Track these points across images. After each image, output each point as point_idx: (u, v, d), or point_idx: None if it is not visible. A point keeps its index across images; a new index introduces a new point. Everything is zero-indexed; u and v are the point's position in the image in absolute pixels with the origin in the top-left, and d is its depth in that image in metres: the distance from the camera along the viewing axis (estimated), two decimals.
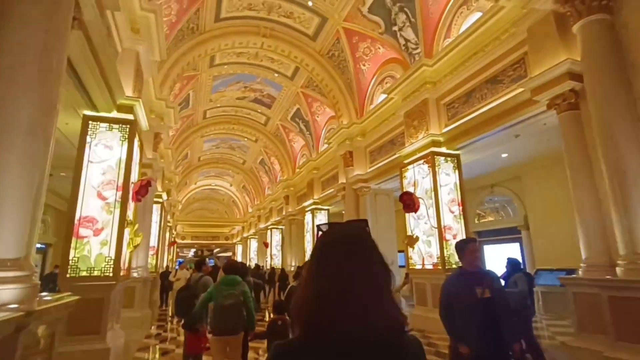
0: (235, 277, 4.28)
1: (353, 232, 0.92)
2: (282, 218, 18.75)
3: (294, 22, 10.55)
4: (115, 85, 5.06)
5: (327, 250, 0.88)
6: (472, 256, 2.47)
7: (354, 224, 0.98)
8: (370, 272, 0.83)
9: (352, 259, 0.84)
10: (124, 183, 5.22)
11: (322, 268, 0.85)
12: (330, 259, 0.86)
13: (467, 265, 2.50)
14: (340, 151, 11.49)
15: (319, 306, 0.79)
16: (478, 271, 2.48)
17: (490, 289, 2.38)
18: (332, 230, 0.94)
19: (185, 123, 15.25)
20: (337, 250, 0.87)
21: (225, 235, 35.56)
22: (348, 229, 0.94)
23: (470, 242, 2.51)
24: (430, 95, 7.66)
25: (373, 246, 0.90)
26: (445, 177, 7.22)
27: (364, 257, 0.86)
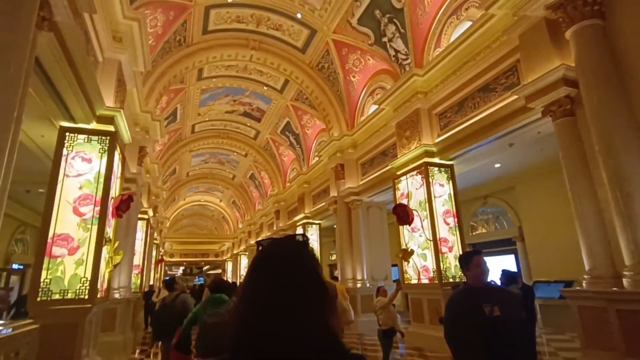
0: (222, 296, 4.02)
1: (280, 251, 0.87)
2: (272, 233, 18.36)
3: (283, 35, 10.48)
4: (94, 95, 4.81)
5: (251, 271, 0.84)
6: (477, 270, 2.24)
7: (288, 241, 0.92)
8: (294, 294, 0.77)
9: (273, 280, 0.79)
10: (102, 198, 4.91)
11: (245, 290, 0.81)
12: (252, 280, 0.82)
13: (472, 280, 2.27)
14: (331, 164, 11.30)
15: (238, 332, 0.76)
16: (485, 287, 2.24)
17: (500, 306, 2.15)
18: (263, 249, 0.89)
19: (172, 137, 14.96)
20: (259, 271, 0.83)
21: (215, 252, 34.82)
22: (277, 247, 0.89)
23: (476, 255, 2.29)
24: (422, 105, 7.55)
25: (303, 265, 0.83)
26: (439, 188, 7.05)
27: (288, 278, 0.80)
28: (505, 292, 2.32)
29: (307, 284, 0.80)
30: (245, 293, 0.81)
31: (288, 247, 0.87)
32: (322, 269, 0.90)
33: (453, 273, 6.62)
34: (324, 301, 0.79)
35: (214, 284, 4.32)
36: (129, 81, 6.29)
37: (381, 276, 10.17)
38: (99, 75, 5.33)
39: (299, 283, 0.79)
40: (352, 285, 9.91)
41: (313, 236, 13.45)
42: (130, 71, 6.09)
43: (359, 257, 10.05)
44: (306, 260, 0.83)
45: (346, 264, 10.29)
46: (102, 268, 5.07)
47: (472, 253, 2.35)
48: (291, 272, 0.80)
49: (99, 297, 4.97)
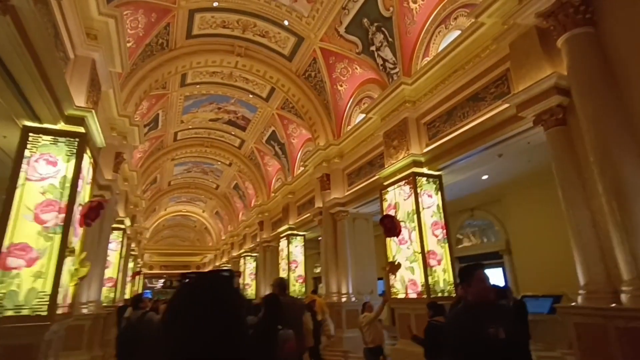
0: None
1: (200, 290, 0.86)
2: (256, 245, 17.90)
3: (270, 42, 10.30)
4: (61, 93, 4.46)
5: (169, 310, 0.84)
6: (481, 286, 1.99)
7: (211, 279, 0.92)
8: (211, 337, 0.78)
9: (190, 322, 0.79)
10: (67, 204, 4.52)
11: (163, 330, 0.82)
12: (170, 320, 0.82)
13: (474, 297, 2.02)
14: (317, 174, 11.05)
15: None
16: (489, 305, 1.99)
17: (504, 326, 1.90)
18: (182, 287, 0.88)
19: (154, 145, 14.50)
20: (177, 311, 0.83)
21: (196, 265, 33.87)
22: (196, 287, 0.88)
23: (478, 269, 2.05)
24: (410, 114, 7.41)
25: (223, 305, 0.84)
26: (428, 199, 6.86)
27: (206, 319, 0.80)
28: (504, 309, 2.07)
29: (225, 326, 0.80)
30: (163, 334, 0.81)
31: (209, 287, 0.85)
32: (245, 305, 0.89)
33: (442, 287, 6.39)
34: (242, 341, 0.80)
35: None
36: (104, 82, 5.94)
37: (367, 290, 9.87)
38: (70, 73, 4.98)
39: (217, 325, 0.79)
40: (336, 300, 9.57)
41: (297, 248, 13.10)
42: (105, 71, 5.75)
43: (344, 270, 9.74)
44: (226, 300, 0.83)
45: (331, 278, 9.96)
46: (65, 281, 4.64)
47: (474, 267, 2.11)
48: (209, 314, 0.79)
49: (61, 314, 4.53)
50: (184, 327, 0.79)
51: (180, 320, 0.80)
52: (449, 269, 6.54)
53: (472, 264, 2.12)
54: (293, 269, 12.76)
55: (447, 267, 6.55)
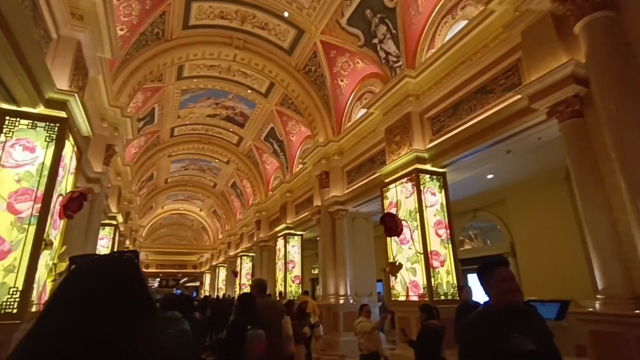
0: (174, 314, 3.38)
1: (100, 272, 0.72)
2: (252, 244, 17.57)
3: (269, 34, 9.99)
4: (40, 73, 4.13)
5: (58, 294, 0.70)
6: (503, 286, 1.66)
7: (110, 259, 0.80)
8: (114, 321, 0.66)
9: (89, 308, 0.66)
10: (45, 193, 4.18)
11: (49, 318, 0.67)
12: (61, 303, 0.68)
13: (496, 300, 1.69)
14: (316, 171, 10.73)
15: None
16: (514, 309, 1.67)
17: (532, 335, 1.57)
18: (77, 268, 0.73)
19: (150, 140, 14.18)
20: (70, 295, 0.69)
21: (193, 264, 33.52)
22: (95, 267, 0.74)
23: (499, 267, 1.72)
24: (414, 108, 7.10)
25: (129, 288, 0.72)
26: (431, 197, 6.53)
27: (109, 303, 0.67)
28: (532, 314, 1.75)
29: (133, 311, 0.69)
30: (50, 321, 0.65)
31: (110, 267, 0.73)
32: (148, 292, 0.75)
33: (445, 290, 6.05)
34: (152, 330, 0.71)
35: (165, 300, 3.69)
36: (92, 67, 5.62)
37: (366, 292, 9.53)
38: (51, 53, 4.66)
39: (123, 308, 0.68)
40: (334, 302, 9.24)
41: (295, 248, 12.76)
42: (92, 55, 5.43)
43: (342, 271, 9.40)
44: (125, 290, 0.70)
45: (329, 279, 9.62)
46: (42, 277, 4.30)
47: (495, 264, 1.77)
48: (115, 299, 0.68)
49: (35, 312, 4.19)
50: (63, 321, 0.64)
51: (62, 314, 0.65)
52: (452, 271, 6.21)
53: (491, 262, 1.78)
54: (290, 270, 12.41)
55: (451, 268, 6.22)
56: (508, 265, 1.77)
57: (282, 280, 12.52)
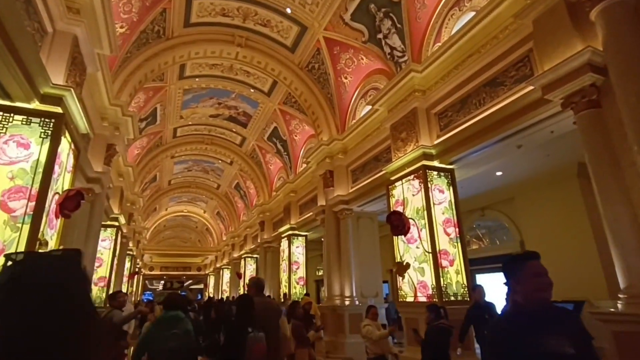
0: (177, 314, 3.26)
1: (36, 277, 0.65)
2: (256, 246, 17.41)
3: (271, 32, 9.84)
4: (34, 68, 4.00)
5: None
6: (535, 282, 1.47)
7: (49, 260, 0.72)
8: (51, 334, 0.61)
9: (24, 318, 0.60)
10: (39, 191, 4.04)
11: None
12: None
13: (525, 298, 1.49)
14: (320, 171, 10.55)
15: None
16: (547, 309, 1.47)
17: (569, 338, 1.38)
18: (14, 272, 0.65)
19: (152, 141, 14.07)
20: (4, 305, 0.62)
21: (197, 266, 33.42)
22: (31, 271, 0.66)
23: (531, 260, 1.53)
24: (420, 104, 6.91)
25: (68, 296, 0.65)
26: (439, 194, 6.33)
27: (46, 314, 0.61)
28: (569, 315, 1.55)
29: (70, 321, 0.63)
30: None
31: (48, 271, 0.66)
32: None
33: (455, 290, 5.84)
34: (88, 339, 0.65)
35: (167, 299, 3.55)
36: (90, 63, 5.49)
37: (371, 293, 9.33)
38: (47, 48, 4.53)
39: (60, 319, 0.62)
40: (339, 303, 9.04)
41: (299, 249, 12.58)
42: (90, 51, 5.29)
43: (347, 272, 9.20)
44: (73, 290, 0.65)
45: (334, 280, 9.42)
46: None
47: (524, 256, 1.58)
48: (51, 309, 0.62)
49: None
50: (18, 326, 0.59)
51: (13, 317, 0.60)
52: (462, 270, 6.00)
53: (520, 254, 1.60)
54: (294, 271, 12.23)
55: (461, 268, 6.01)
56: (539, 258, 1.58)
57: (286, 281, 12.35)
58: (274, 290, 14.09)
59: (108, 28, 5.49)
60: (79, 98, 5.14)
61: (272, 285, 14.81)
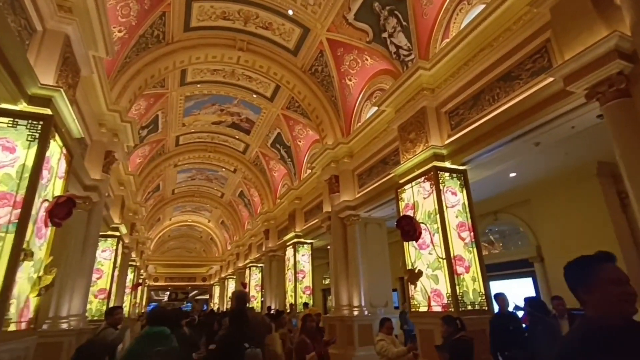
0: (163, 329, 2.96)
1: None
2: (261, 255, 17.06)
3: (273, 35, 9.63)
4: (19, 66, 3.76)
5: None
6: (617, 292, 1.14)
7: None
8: None
9: None
10: (25, 198, 3.77)
11: None
12: None
13: (603, 311, 1.16)
14: (325, 176, 10.24)
15: None
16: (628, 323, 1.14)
17: None
18: None
19: (155, 149, 13.88)
20: None
21: (202, 276, 33.07)
22: None
23: (606, 263, 1.20)
24: (429, 102, 6.60)
25: None
26: (452, 197, 5.99)
27: None
28: None
29: None
30: None
31: None
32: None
33: (471, 299, 5.46)
34: None
35: (154, 313, 3.25)
36: (84, 65, 5.26)
37: (381, 302, 8.93)
38: (35, 47, 4.30)
39: None
40: (347, 313, 8.64)
41: (304, 257, 12.23)
42: (83, 52, 5.07)
43: (355, 280, 8.82)
44: None
45: (341, 289, 9.04)
46: (23, 291, 3.86)
47: (598, 258, 1.25)
48: None
49: (15, 331, 3.74)
50: None
51: None
52: (479, 277, 5.62)
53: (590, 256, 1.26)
54: (300, 280, 11.87)
55: (477, 275, 5.63)
56: (615, 260, 1.25)
57: (292, 291, 11.97)
58: (280, 300, 13.70)
59: (103, 29, 5.27)
60: (72, 100, 4.91)
61: (277, 295, 14.42)
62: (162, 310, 3.41)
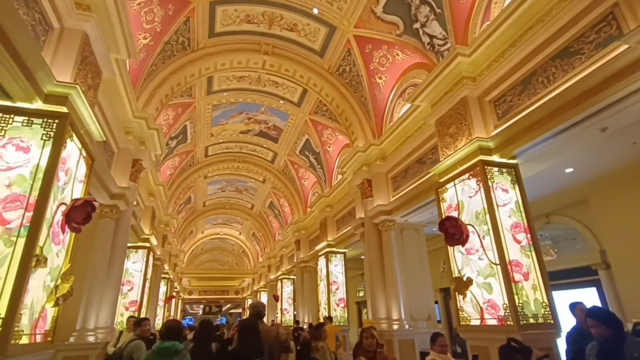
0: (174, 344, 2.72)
1: None
2: (293, 266, 16.63)
3: (298, 36, 9.37)
4: (32, 61, 3.57)
5: None
6: None
7: None
8: None
9: None
10: (38, 200, 3.52)
11: None
12: None
13: None
14: (357, 180, 9.72)
15: None
16: None
17: None
18: None
19: (184, 160, 13.92)
20: None
21: (235, 289, 33.03)
22: None
23: None
24: (470, 92, 5.99)
25: None
26: (503, 194, 5.30)
27: None
28: None
29: None
30: None
31: None
32: None
33: (533, 310, 4.71)
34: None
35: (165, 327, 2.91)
36: (105, 67, 5.11)
37: (422, 315, 8.19)
38: (52, 44, 4.15)
39: None
40: (386, 327, 7.97)
41: (337, 267, 11.67)
42: (104, 53, 4.91)
43: (393, 291, 8.15)
44: None
45: (378, 301, 8.39)
46: (37, 300, 3.59)
47: None
48: None
49: (28, 344, 3.46)
50: None
51: None
52: (540, 285, 4.86)
53: None
54: (333, 291, 11.29)
55: (538, 282, 4.88)
56: None
57: (325, 303, 11.40)
58: (313, 314, 13.13)
59: (124, 29, 5.11)
60: (93, 103, 4.74)
61: (310, 308, 13.87)
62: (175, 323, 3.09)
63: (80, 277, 6.36)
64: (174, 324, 2.91)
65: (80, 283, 6.35)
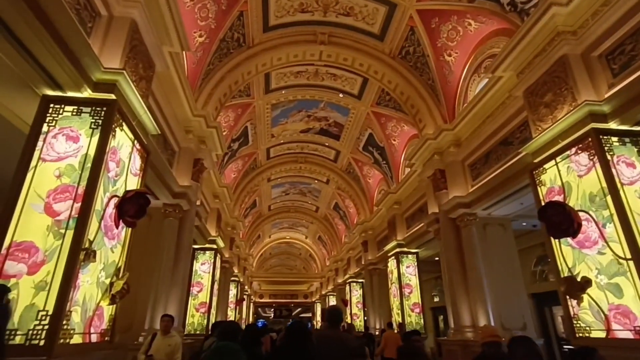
0: (228, 344, 2.54)
1: None
2: (361, 269, 15.89)
3: (355, 21, 8.75)
4: (80, 50, 3.43)
5: None
6: None
7: None
8: None
9: None
10: (86, 189, 3.32)
11: None
12: None
13: None
14: (428, 172, 8.77)
15: None
16: None
17: None
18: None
19: (247, 163, 14.01)
20: None
21: (304, 293, 33.06)
22: None
23: None
24: (571, 49, 4.85)
25: None
26: (628, 170, 4.12)
27: None
28: None
29: None
30: None
31: None
32: None
33: None
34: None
35: (223, 328, 2.58)
36: (157, 58, 4.96)
37: (516, 324, 6.96)
38: (101, 33, 4.02)
39: None
40: (472, 337, 6.90)
41: (410, 269, 10.73)
42: (153, 42, 4.76)
43: (479, 295, 7.06)
44: None
45: (461, 306, 7.34)
46: (90, 297, 3.38)
47: None
48: None
49: (81, 343, 3.24)
50: None
51: None
52: None
53: None
54: (406, 295, 10.35)
55: None
56: None
57: (398, 308, 10.49)
58: (384, 319, 12.24)
59: (174, 19, 4.94)
60: (144, 93, 4.58)
61: (381, 314, 13.01)
62: (232, 323, 2.81)
63: (148, 277, 6.34)
64: (230, 325, 2.66)
65: (148, 282, 6.34)
